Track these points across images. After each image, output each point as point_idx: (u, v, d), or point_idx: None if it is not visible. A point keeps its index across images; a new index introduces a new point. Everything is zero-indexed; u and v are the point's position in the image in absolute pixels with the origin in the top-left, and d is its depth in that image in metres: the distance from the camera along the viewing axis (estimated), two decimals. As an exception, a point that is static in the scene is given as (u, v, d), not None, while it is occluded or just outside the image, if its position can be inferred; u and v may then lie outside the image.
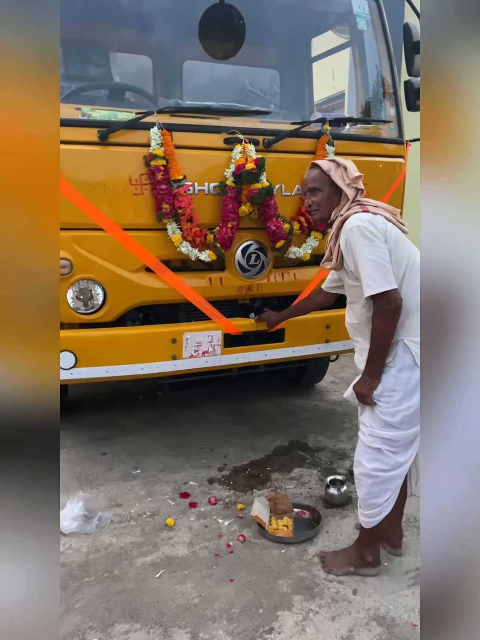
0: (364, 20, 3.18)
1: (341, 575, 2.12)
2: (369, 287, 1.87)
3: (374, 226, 1.88)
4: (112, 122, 2.44)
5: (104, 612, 1.94)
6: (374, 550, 2.12)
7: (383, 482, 2.00)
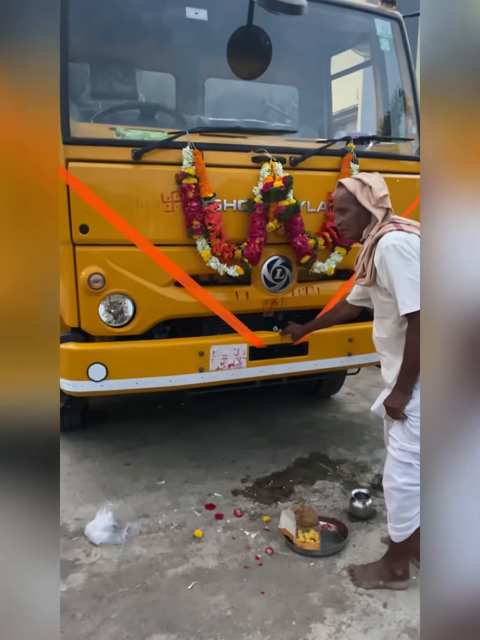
0: (387, 41, 3.25)
1: (370, 588, 2.15)
2: (405, 306, 1.91)
3: (410, 245, 1.93)
4: (145, 141, 2.50)
5: (139, 623, 1.97)
6: (404, 564, 2.15)
7: (414, 496, 2.03)
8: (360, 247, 2.27)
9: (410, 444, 2.01)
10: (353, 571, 2.24)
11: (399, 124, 3.49)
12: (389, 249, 1.94)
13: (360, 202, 2.08)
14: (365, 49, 3.67)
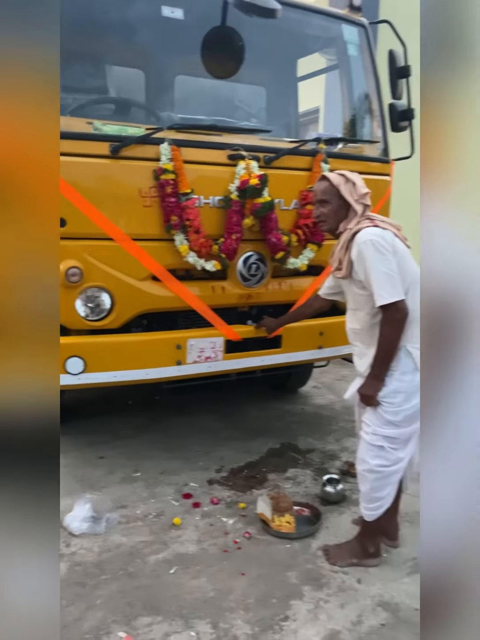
0: (354, 46, 3.39)
1: (345, 566, 2.26)
2: (381, 297, 2.03)
3: (385, 240, 2.05)
4: (123, 136, 2.54)
5: (125, 607, 2.02)
6: (376, 542, 2.28)
7: (385, 476, 2.16)
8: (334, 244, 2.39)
9: (383, 428, 2.14)
10: (327, 551, 2.35)
11: (363, 127, 3.64)
12: (366, 244, 2.05)
13: (344, 195, 2.17)
14: (331, 52, 3.80)
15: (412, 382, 2.10)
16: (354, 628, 1.95)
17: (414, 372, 2.10)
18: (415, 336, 2.11)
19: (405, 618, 1.99)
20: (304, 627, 1.94)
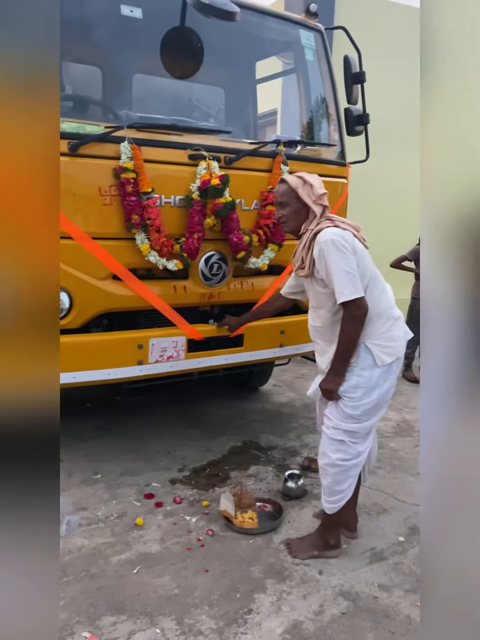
0: (311, 51, 3.46)
1: (306, 559, 2.31)
2: (342, 295, 2.09)
3: (345, 240, 2.11)
4: (82, 134, 2.51)
5: (88, 608, 2.00)
6: (336, 534, 2.34)
7: (346, 470, 2.22)
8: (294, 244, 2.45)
9: (343, 422, 2.20)
10: (290, 544, 2.39)
11: (320, 130, 3.72)
12: (327, 243, 2.11)
13: (302, 197, 2.23)
14: (289, 56, 3.87)
15: (371, 377, 2.17)
16: (316, 618, 1.99)
17: (372, 367, 2.17)
18: (375, 333, 2.18)
19: (364, 606, 2.06)
20: (268, 619, 1.98)
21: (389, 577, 2.23)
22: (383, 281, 2.30)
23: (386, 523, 2.62)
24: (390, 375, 2.23)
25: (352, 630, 1.94)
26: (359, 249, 2.17)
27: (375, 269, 2.24)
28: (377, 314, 2.17)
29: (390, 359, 2.19)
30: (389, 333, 2.21)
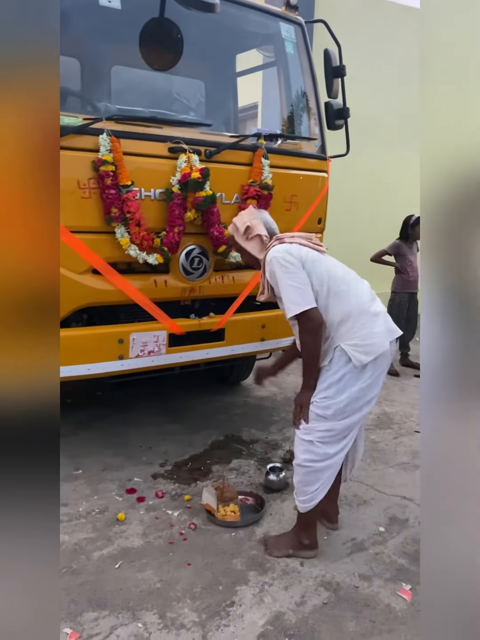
0: (291, 44, 3.46)
1: (281, 557, 2.29)
2: (289, 310, 2.13)
3: (290, 254, 2.15)
4: (60, 126, 2.47)
5: (69, 604, 1.99)
6: (310, 535, 2.31)
7: (314, 472, 2.19)
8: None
9: (312, 422, 2.17)
10: (266, 541, 2.39)
11: (301, 124, 3.72)
12: (271, 262, 2.17)
13: (238, 242, 2.38)
14: (269, 49, 3.86)
15: (344, 376, 2.13)
16: (297, 609, 2.01)
17: (345, 366, 2.13)
18: (348, 333, 2.14)
19: (345, 596, 2.08)
20: (250, 611, 1.99)
21: (369, 567, 2.26)
22: (355, 279, 2.27)
23: (366, 514, 2.66)
24: (365, 374, 2.13)
25: (334, 620, 1.96)
26: (310, 257, 2.19)
27: (340, 270, 2.25)
28: (346, 314, 2.15)
29: (368, 358, 2.11)
30: (364, 330, 2.14)
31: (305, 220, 3.33)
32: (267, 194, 3.01)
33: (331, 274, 2.21)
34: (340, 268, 2.28)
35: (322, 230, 3.58)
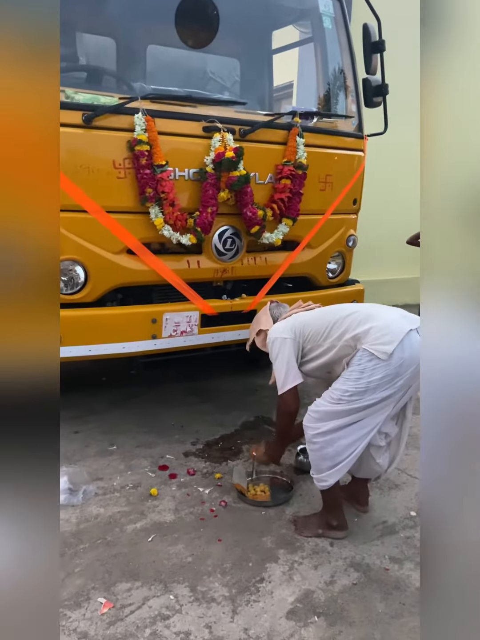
0: (329, 19, 3.37)
1: (311, 537, 2.30)
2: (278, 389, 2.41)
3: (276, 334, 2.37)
4: (96, 105, 2.48)
5: (103, 574, 2.06)
6: (338, 516, 2.31)
7: (320, 449, 2.18)
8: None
9: (324, 399, 2.20)
10: (296, 521, 2.41)
11: (337, 102, 3.63)
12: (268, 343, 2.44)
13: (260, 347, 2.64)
14: (306, 25, 3.77)
15: (366, 369, 2.07)
16: (327, 588, 2.03)
17: (370, 360, 2.07)
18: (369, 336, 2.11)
19: (375, 577, 2.09)
20: (279, 587, 2.02)
21: (400, 550, 2.25)
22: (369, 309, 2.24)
23: (398, 498, 2.64)
24: (391, 365, 2.04)
25: (363, 600, 1.97)
26: (297, 322, 2.36)
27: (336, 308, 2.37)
28: (365, 333, 2.13)
29: (391, 346, 2.03)
30: (376, 328, 2.10)
31: (340, 201, 3.27)
32: (302, 173, 2.97)
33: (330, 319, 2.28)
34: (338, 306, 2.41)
35: (357, 212, 3.52)
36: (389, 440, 2.32)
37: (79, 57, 3.44)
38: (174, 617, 1.88)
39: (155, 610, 1.90)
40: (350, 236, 3.45)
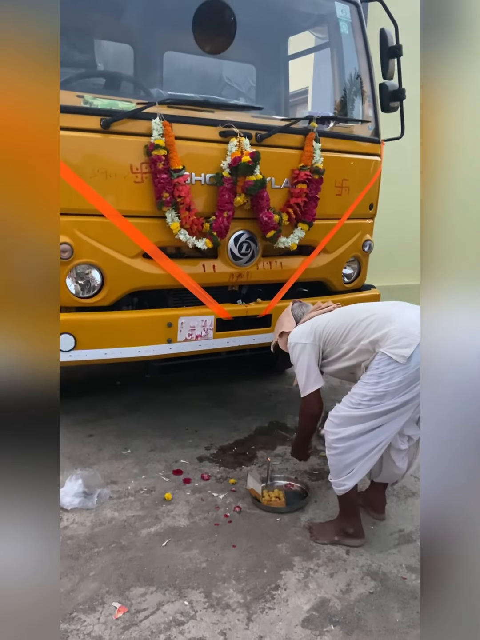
0: (346, 24, 3.36)
1: (327, 544, 2.28)
2: (301, 393, 2.43)
3: (296, 339, 2.39)
4: (114, 111, 2.50)
5: (118, 578, 2.05)
6: (354, 523, 2.28)
7: (340, 454, 2.14)
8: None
9: (344, 404, 2.17)
10: (312, 528, 2.38)
11: (354, 107, 3.62)
12: (288, 347, 2.47)
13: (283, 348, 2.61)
14: (323, 30, 3.77)
15: (384, 373, 2.05)
16: (343, 596, 2.00)
17: (388, 364, 2.04)
18: (385, 340, 2.09)
19: (392, 586, 2.06)
20: (295, 595, 1.99)
21: (417, 559, 2.22)
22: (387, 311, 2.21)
23: (415, 506, 2.60)
24: (409, 369, 2.00)
25: (380, 609, 1.94)
26: (316, 325, 2.36)
27: (356, 307, 2.38)
28: (384, 336, 2.10)
29: (410, 350, 1.99)
30: (395, 330, 2.07)
31: (357, 206, 3.25)
32: (318, 178, 2.96)
33: (349, 320, 2.27)
34: (359, 305, 2.42)
35: (373, 216, 3.50)
36: (411, 443, 2.29)
37: (97, 64, 3.47)
38: (188, 623, 1.86)
39: (169, 616, 1.89)
40: (366, 241, 3.44)
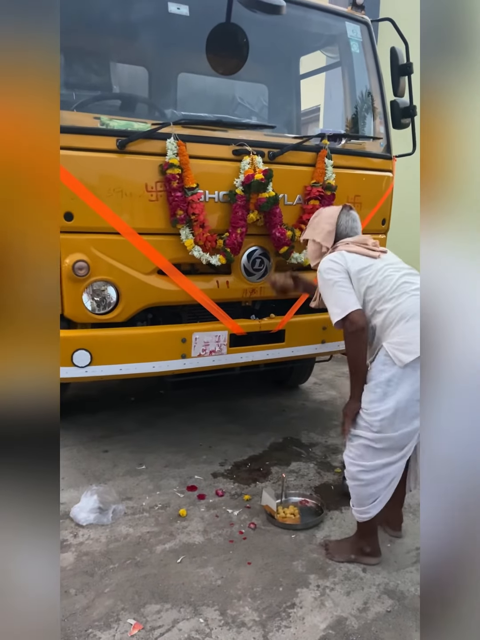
0: (356, 44, 3.42)
1: (343, 562, 2.25)
2: (333, 315, 2.17)
3: (335, 262, 2.21)
4: (130, 131, 2.56)
5: (133, 595, 2.04)
6: (371, 542, 2.25)
7: (365, 485, 2.12)
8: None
9: (362, 431, 2.10)
10: (327, 545, 2.35)
11: (365, 123, 3.66)
12: (320, 272, 2.25)
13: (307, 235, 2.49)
14: (334, 50, 3.83)
15: (392, 379, 2.03)
16: (360, 615, 1.97)
17: (392, 366, 2.03)
18: (396, 335, 2.06)
19: (410, 605, 2.02)
20: (311, 613, 1.97)
21: (434, 577, 2.18)
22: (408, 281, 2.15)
23: (431, 523, 2.56)
24: (413, 377, 1.97)
25: (397, 628, 1.91)
26: (356, 262, 2.20)
27: (395, 275, 2.17)
28: (399, 315, 2.06)
29: (409, 357, 1.97)
30: (411, 332, 2.01)
31: (369, 221, 3.27)
32: (330, 194, 2.99)
33: (381, 278, 2.16)
34: (396, 273, 2.19)
35: (385, 232, 3.51)
36: None
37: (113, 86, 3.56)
38: (203, 641, 1.85)
39: (185, 634, 1.87)
40: (379, 256, 3.44)
